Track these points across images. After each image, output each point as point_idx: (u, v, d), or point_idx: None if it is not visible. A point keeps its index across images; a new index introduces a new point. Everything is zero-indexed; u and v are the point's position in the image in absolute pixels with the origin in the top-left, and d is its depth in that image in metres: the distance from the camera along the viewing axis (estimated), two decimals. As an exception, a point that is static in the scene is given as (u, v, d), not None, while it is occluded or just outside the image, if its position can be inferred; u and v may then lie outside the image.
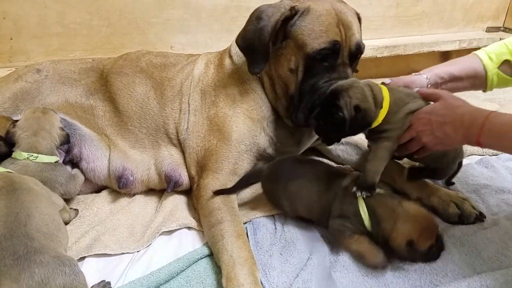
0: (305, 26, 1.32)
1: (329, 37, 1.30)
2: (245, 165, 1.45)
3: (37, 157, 1.43)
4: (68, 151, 1.59)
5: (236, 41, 1.42)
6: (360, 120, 1.21)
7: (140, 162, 1.58)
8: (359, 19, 1.46)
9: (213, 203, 1.33)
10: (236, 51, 1.55)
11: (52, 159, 1.46)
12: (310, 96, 1.35)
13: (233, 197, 1.39)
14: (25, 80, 1.66)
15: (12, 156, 1.43)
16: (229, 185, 1.39)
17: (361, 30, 1.46)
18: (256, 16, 1.36)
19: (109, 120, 1.64)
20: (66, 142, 1.54)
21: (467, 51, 2.96)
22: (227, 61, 1.57)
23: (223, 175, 1.41)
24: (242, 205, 1.50)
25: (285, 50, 1.37)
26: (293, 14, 1.32)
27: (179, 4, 2.27)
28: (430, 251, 1.17)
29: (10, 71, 1.81)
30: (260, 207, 1.46)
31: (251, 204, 1.51)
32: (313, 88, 1.34)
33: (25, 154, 1.41)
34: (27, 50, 2.14)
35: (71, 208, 1.39)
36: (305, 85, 1.36)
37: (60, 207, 1.32)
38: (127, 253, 1.31)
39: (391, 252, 1.18)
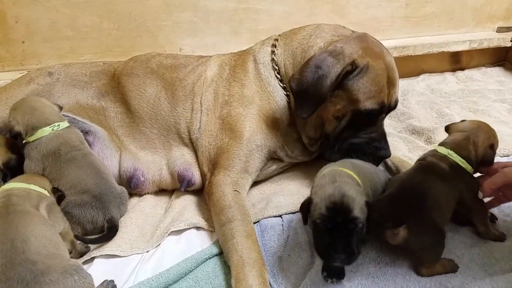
0: (363, 84, 1.34)
1: (380, 98, 1.36)
2: (256, 164, 1.48)
3: (58, 125, 1.48)
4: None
5: (290, 83, 1.39)
6: None
7: (152, 163, 1.60)
8: None
9: (224, 200, 1.34)
10: (263, 60, 1.58)
11: (66, 123, 1.52)
12: (347, 141, 1.43)
13: (243, 196, 1.40)
14: (37, 82, 1.69)
15: (31, 140, 1.44)
16: (240, 182, 1.41)
17: None
18: (315, 64, 1.33)
19: (121, 121, 1.66)
20: (60, 107, 1.59)
21: (478, 51, 2.94)
22: (250, 65, 1.59)
23: (234, 172, 1.42)
24: (250, 206, 1.50)
25: (335, 98, 1.38)
26: (353, 69, 1.33)
27: (187, 7, 2.29)
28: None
29: (22, 74, 1.85)
30: (268, 208, 1.46)
31: (259, 204, 1.51)
32: (352, 135, 1.42)
33: (48, 128, 1.45)
34: (39, 54, 2.17)
35: (83, 245, 1.35)
36: (346, 132, 1.42)
37: (60, 229, 1.25)
38: (137, 253, 1.32)
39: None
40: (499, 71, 2.93)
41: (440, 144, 1.32)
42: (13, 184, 1.26)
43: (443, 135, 1.96)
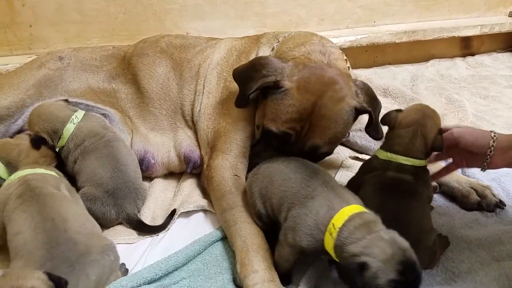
0: (275, 104, 1.27)
1: (283, 127, 1.25)
2: None
3: (76, 116, 1.45)
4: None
5: (233, 71, 1.41)
6: None
7: (161, 145, 1.61)
8: (358, 111, 1.29)
9: (225, 186, 1.33)
10: (264, 54, 1.54)
11: (81, 112, 1.50)
12: (255, 157, 1.36)
13: (243, 180, 1.38)
14: (48, 67, 1.69)
15: (62, 144, 1.41)
16: (239, 167, 1.39)
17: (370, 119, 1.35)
18: (253, 64, 1.33)
19: (131, 102, 1.67)
20: (66, 100, 1.57)
21: (489, 36, 2.89)
22: (253, 57, 1.56)
23: (232, 156, 1.41)
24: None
25: (260, 107, 1.37)
26: (275, 87, 1.28)
27: (194, -10, 2.27)
28: None
29: (29, 58, 1.85)
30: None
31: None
32: (258, 153, 1.34)
33: (71, 125, 1.42)
34: (46, 38, 2.17)
35: None
36: (258, 146, 1.36)
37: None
38: (149, 236, 1.34)
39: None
40: (510, 57, 2.89)
41: (383, 148, 1.22)
42: (22, 172, 1.25)
43: (452, 122, 1.95)
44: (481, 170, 1.22)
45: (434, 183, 1.44)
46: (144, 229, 1.35)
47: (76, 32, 2.19)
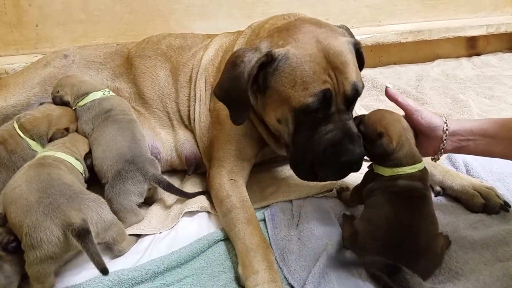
0: (286, 77, 1.13)
1: (316, 88, 1.10)
2: (248, 151, 1.44)
3: (108, 91, 1.57)
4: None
5: (214, 92, 1.26)
6: None
7: (166, 142, 1.64)
8: (358, 48, 1.25)
9: (222, 191, 1.35)
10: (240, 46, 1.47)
11: (113, 93, 1.62)
12: (305, 151, 1.18)
13: (241, 183, 1.39)
14: (53, 65, 1.72)
15: (82, 103, 1.52)
16: (235, 170, 1.40)
17: (361, 61, 1.26)
18: (232, 63, 1.18)
19: (136, 101, 1.69)
20: None
21: (495, 36, 2.88)
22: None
23: (227, 162, 1.41)
24: (260, 191, 1.52)
25: (269, 99, 1.20)
26: (269, 60, 1.14)
27: (199, -10, 2.28)
28: None
29: (36, 58, 1.87)
30: (278, 193, 1.46)
31: (269, 189, 1.52)
32: (308, 142, 1.16)
33: (100, 92, 1.54)
34: (52, 37, 2.19)
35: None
36: (299, 137, 1.18)
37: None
38: (153, 233, 1.34)
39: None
40: (516, 57, 2.87)
41: (386, 166, 1.16)
42: (47, 152, 1.34)
43: (457, 122, 1.94)
44: (433, 159, 1.28)
45: (437, 188, 1.45)
46: (173, 191, 1.39)
47: (82, 32, 2.21)
